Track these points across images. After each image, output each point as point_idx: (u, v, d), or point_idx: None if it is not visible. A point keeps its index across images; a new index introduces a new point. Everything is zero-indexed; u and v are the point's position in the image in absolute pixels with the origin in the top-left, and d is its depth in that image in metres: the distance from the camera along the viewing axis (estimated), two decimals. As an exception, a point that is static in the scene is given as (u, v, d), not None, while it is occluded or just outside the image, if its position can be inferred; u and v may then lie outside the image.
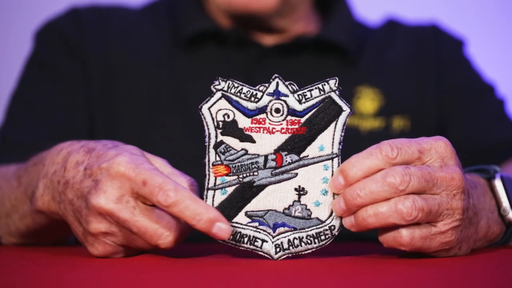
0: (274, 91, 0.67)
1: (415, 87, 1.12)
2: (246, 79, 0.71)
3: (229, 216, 0.66)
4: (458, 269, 0.61)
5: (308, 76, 0.95)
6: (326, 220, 0.66)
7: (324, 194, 0.66)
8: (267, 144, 0.66)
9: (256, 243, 0.66)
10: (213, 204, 0.66)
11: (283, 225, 0.66)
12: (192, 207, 0.62)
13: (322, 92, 0.67)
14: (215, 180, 0.66)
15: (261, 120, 0.66)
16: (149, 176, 0.63)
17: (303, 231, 0.66)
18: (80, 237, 0.69)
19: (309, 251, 0.66)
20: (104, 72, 1.07)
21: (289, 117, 0.66)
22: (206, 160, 0.66)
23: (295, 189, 0.66)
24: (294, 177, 0.66)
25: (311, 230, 0.66)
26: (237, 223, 0.66)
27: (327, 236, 0.66)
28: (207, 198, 0.66)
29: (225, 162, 0.66)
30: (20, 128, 1.04)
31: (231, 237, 0.65)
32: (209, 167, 0.66)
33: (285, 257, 0.66)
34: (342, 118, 0.67)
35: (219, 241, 0.64)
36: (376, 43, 1.15)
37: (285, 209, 0.66)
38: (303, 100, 0.67)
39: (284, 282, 0.56)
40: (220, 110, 0.67)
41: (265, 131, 0.66)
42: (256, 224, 0.66)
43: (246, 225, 0.66)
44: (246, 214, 0.66)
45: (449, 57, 1.16)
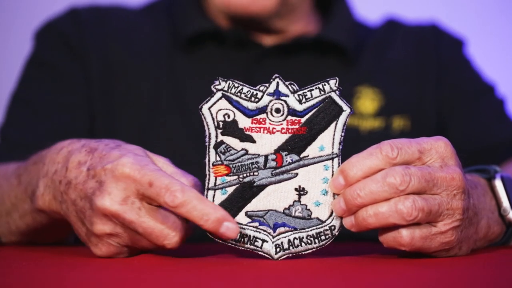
0: (275, 91, 0.67)
1: (415, 87, 1.12)
2: (246, 79, 0.71)
3: (229, 216, 0.66)
4: (458, 269, 0.61)
5: (308, 76, 0.94)
6: (326, 220, 0.66)
7: (324, 194, 0.66)
8: (267, 144, 0.66)
9: (256, 243, 0.66)
10: (213, 204, 0.66)
11: (283, 225, 0.66)
12: (200, 207, 0.62)
13: (322, 92, 0.67)
14: (215, 180, 0.66)
15: (261, 120, 0.66)
16: (155, 177, 0.63)
17: (303, 231, 0.66)
18: (83, 237, 0.69)
19: (309, 251, 0.66)
20: (104, 72, 1.07)
21: (289, 117, 0.66)
22: (206, 160, 0.66)
23: (295, 189, 0.66)
24: (294, 177, 0.66)
25: (311, 230, 0.66)
26: (237, 223, 0.65)
27: (327, 236, 0.66)
28: (207, 198, 0.66)
29: (225, 162, 0.66)
30: (20, 128, 1.04)
31: (232, 237, 0.65)
32: (209, 167, 0.66)
33: (285, 257, 0.66)
34: (343, 118, 0.67)
35: (219, 241, 0.64)
36: (376, 43, 1.15)
37: (285, 209, 0.66)
38: (303, 100, 0.67)
39: (284, 282, 0.56)
40: (221, 110, 0.67)
41: (266, 131, 0.66)
42: (256, 224, 0.66)
43: (246, 225, 0.66)
44: (246, 214, 0.66)
45: (449, 57, 1.15)
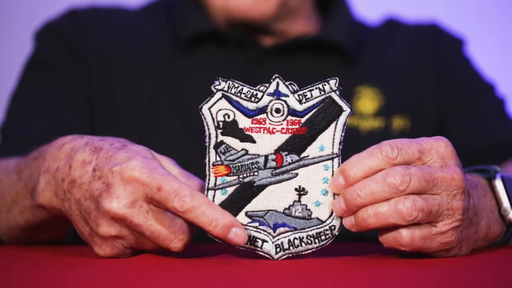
0: (275, 91, 0.67)
1: (415, 86, 1.12)
2: (245, 79, 0.71)
3: (229, 216, 0.65)
4: (458, 269, 0.61)
5: (307, 76, 0.95)
6: (327, 220, 0.66)
7: (324, 194, 0.66)
8: (267, 144, 0.66)
9: (256, 243, 0.66)
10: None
11: (284, 225, 0.66)
12: (209, 213, 0.62)
13: (323, 92, 0.67)
14: (216, 180, 0.66)
15: (261, 120, 0.66)
16: (164, 182, 0.63)
17: (303, 231, 0.66)
18: (86, 237, 0.68)
19: (309, 251, 0.66)
20: (104, 72, 1.07)
21: (289, 117, 0.66)
22: (207, 160, 0.66)
23: (296, 189, 0.66)
24: (295, 177, 0.66)
25: (311, 230, 0.66)
26: (237, 223, 0.66)
27: (327, 236, 0.66)
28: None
29: (226, 162, 0.66)
30: (20, 125, 1.04)
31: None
32: (209, 167, 0.66)
33: (285, 257, 0.66)
34: (343, 118, 0.67)
35: (219, 241, 0.64)
36: (375, 42, 1.15)
37: (285, 209, 0.66)
38: (304, 100, 0.67)
39: (284, 282, 0.56)
40: (221, 110, 0.67)
41: (266, 131, 0.66)
42: (257, 224, 0.66)
43: (246, 225, 0.66)
44: (247, 214, 0.66)
45: (449, 56, 1.15)
